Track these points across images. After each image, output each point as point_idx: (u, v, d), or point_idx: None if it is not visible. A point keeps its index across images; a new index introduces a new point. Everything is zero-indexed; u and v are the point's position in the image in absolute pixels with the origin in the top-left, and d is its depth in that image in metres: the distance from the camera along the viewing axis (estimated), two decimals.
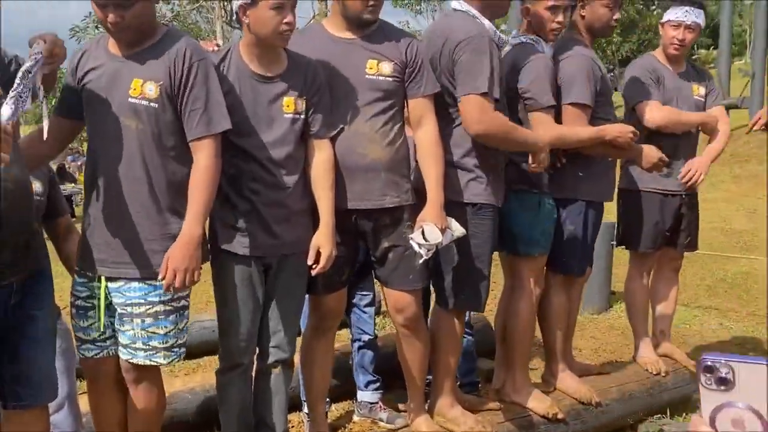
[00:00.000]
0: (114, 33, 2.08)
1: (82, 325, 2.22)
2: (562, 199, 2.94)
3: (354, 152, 2.41)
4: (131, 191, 2.11)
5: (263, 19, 2.16)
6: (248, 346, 2.38)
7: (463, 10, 2.62)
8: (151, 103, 2.06)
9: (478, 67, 2.47)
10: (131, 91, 2.07)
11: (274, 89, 2.29)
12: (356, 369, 3.34)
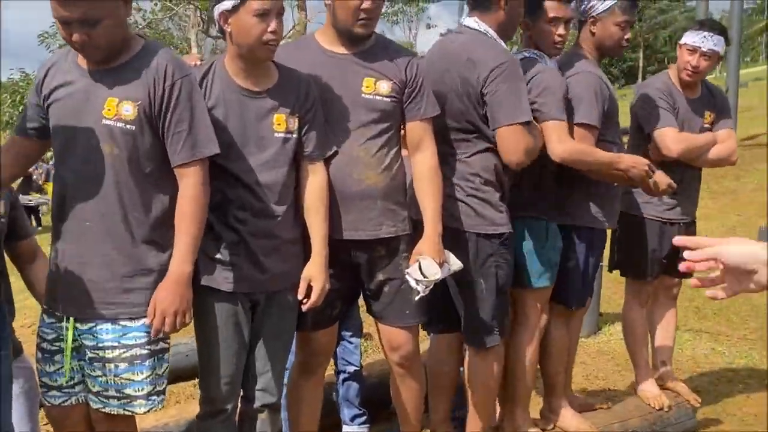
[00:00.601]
0: (81, 52, 1.94)
1: (47, 370, 2.08)
2: (565, 226, 2.88)
3: (349, 178, 2.30)
4: (104, 222, 1.98)
5: (246, 27, 2.04)
6: (232, 390, 2.24)
7: (481, 30, 2.55)
8: (127, 125, 1.92)
9: (519, 95, 2.44)
10: (105, 111, 1.92)
11: (264, 105, 2.17)
12: (341, 402, 3.29)
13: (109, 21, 1.85)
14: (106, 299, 1.96)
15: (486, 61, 2.43)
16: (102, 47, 1.89)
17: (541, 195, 2.80)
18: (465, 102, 2.48)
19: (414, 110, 2.36)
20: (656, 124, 3.20)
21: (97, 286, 1.97)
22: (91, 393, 2.03)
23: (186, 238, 1.94)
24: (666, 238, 3.34)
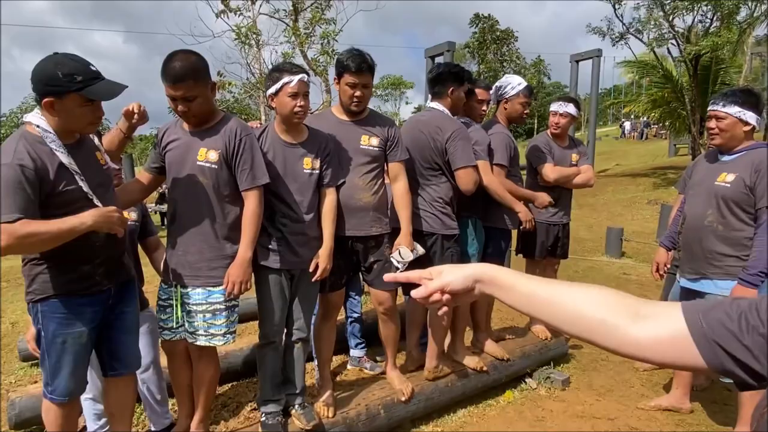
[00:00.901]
0: (183, 118, 2.22)
1: (162, 317, 2.33)
2: (487, 227, 3.27)
3: (352, 198, 2.59)
4: (198, 226, 2.23)
5: (283, 103, 2.33)
6: (279, 329, 2.47)
7: (439, 109, 2.92)
8: (213, 165, 2.19)
9: (465, 150, 2.77)
10: (199, 156, 2.20)
11: (297, 152, 2.42)
12: (349, 336, 3.57)
13: (201, 99, 2.15)
14: (199, 274, 2.23)
15: (447, 128, 2.80)
16: (196, 115, 2.19)
17: (475, 206, 3.11)
18: (434, 152, 2.81)
19: (393, 156, 2.67)
20: (540, 162, 3.63)
21: (194, 266, 2.23)
22: (188, 332, 2.27)
23: (249, 235, 2.18)
24: (550, 234, 3.76)
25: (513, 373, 3.40)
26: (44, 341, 1.89)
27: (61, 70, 1.74)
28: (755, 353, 0.60)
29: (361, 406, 2.67)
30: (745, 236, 2.57)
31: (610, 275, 6.54)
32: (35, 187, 1.73)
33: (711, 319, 0.65)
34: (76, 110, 1.81)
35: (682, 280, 2.84)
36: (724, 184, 2.60)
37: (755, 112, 2.55)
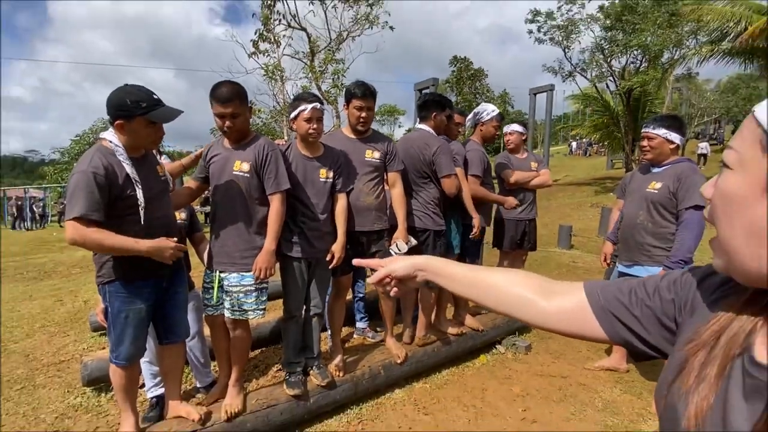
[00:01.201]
0: (226, 134, 2.21)
1: (206, 296, 2.30)
2: (465, 224, 3.21)
3: (358, 200, 2.58)
4: (234, 223, 2.21)
5: (300, 126, 2.33)
6: (299, 306, 2.45)
7: (426, 129, 2.92)
8: (245, 174, 2.18)
9: (447, 161, 2.78)
10: (235, 167, 2.18)
11: (315, 165, 2.41)
12: (355, 311, 3.53)
13: (242, 118, 2.15)
14: (235, 261, 2.20)
15: (433, 144, 2.80)
16: (238, 131, 2.17)
17: (457, 208, 3.09)
18: (424, 164, 2.81)
19: (391, 166, 2.67)
20: (502, 170, 3.60)
21: (230, 255, 2.20)
22: (225, 309, 2.24)
23: (273, 230, 2.16)
24: (518, 229, 3.65)
25: (486, 341, 3.40)
26: (110, 316, 1.88)
27: (130, 98, 1.75)
28: (643, 323, 0.58)
29: (365, 367, 2.67)
30: (669, 232, 2.58)
31: (562, 263, 6.53)
32: (104, 192, 1.72)
33: (607, 293, 0.62)
34: (142, 131, 1.81)
35: (620, 266, 2.84)
36: (654, 191, 2.61)
37: (679, 133, 2.55)
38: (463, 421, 2.50)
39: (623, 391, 2.85)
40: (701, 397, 0.43)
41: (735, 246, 0.41)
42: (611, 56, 14.52)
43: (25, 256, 8.89)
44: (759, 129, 0.38)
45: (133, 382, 1.98)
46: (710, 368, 0.44)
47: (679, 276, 0.58)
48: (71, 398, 2.65)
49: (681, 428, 0.45)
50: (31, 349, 3.40)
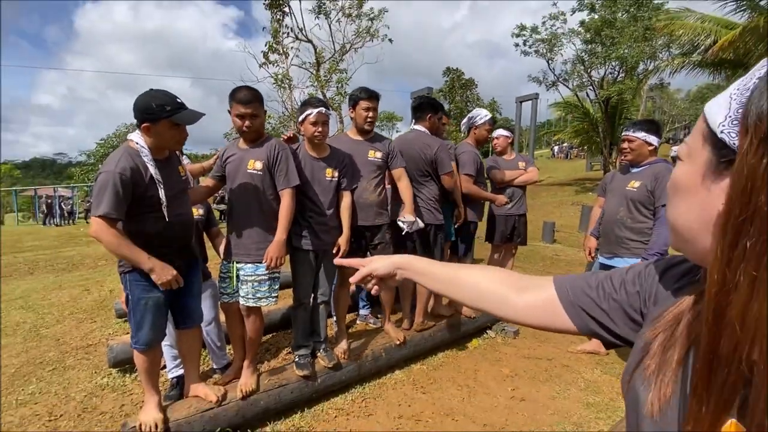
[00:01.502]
0: (243, 134, 2.17)
1: (222, 285, 2.28)
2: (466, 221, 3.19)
3: (362, 197, 2.56)
4: (249, 218, 2.18)
5: (306, 129, 2.30)
6: (307, 294, 2.42)
7: (422, 130, 2.90)
8: (259, 172, 2.15)
9: (447, 159, 2.77)
10: (249, 166, 2.15)
11: (321, 165, 2.38)
12: (358, 299, 3.49)
13: (260, 118, 2.14)
14: (249, 253, 2.17)
15: (433, 144, 2.78)
16: (255, 131, 2.15)
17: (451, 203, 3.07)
18: (425, 163, 2.79)
19: (394, 164, 2.65)
20: (491, 170, 3.57)
21: (246, 247, 2.17)
22: (240, 296, 2.20)
23: (283, 223, 2.13)
24: (508, 224, 3.60)
25: (477, 327, 3.39)
26: (131, 303, 1.86)
27: (155, 102, 1.73)
28: (611, 316, 0.56)
29: (368, 350, 2.65)
30: (647, 227, 2.57)
31: (546, 256, 6.53)
32: (128, 191, 1.69)
33: (576, 288, 0.60)
34: (167, 133, 1.78)
35: (601, 258, 2.83)
36: (633, 189, 2.59)
37: (657, 135, 2.54)
38: (457, 399, 2.49)
39: (603, 372, 2.84)
40: (664, 383, 0.42)
41: (682, 228, 0.41)
42: (591, 67, 14.49)
43: (55, 250, 8.84)
44: (704, 123, 0.38)
45: (155, 364, 1.96)
46: (671, 352, 0.43)
47: (644, 268, 0.56)
48: (98, 379, 2.63)
49: (643, 412, 0.43)
50: (62, 334, 3.38)
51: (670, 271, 0.53)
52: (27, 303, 4.27)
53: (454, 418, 2.30)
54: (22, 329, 3.51)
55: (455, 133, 29.73)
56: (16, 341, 3.26)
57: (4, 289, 5.01)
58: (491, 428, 2.21)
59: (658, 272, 0.54)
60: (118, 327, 3.50)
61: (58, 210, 18.20)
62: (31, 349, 3.10)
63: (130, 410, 2.30)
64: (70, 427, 2.16)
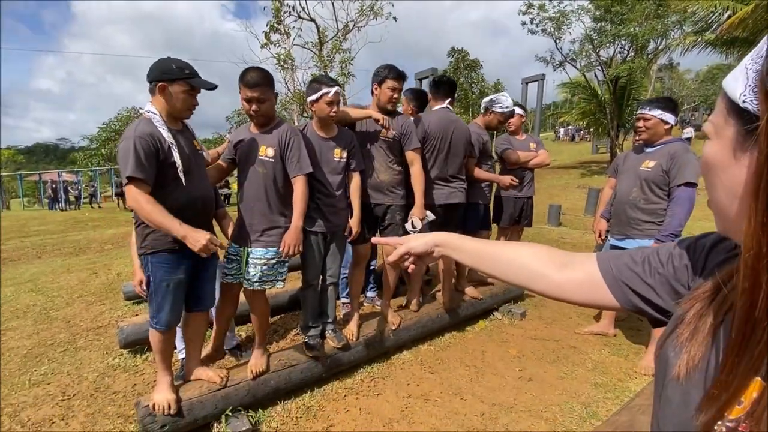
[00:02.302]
0: (252, 118, 2.13)
1: (227, 266, 2.21)
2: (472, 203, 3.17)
3: (374, 177, 2.53)
4: (258, 203, 2.14)
5: (321, 109, 2.23)
6: (316, 275, 2.40)
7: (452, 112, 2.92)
8: (270, 158, 2.10)
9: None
10: (260, 152, 2.10)
11: (330, 145, 2.33)
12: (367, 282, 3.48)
13: (268, 102, 2.06)
14: (260, 238, 2.12)
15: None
16: (263, 115, 2.08)
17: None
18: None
19: (407, 145, 2.57)
20: (503, 150, 3.50)
21: (255, 232, 2.13)
22: (246, 279, 2.15)
23: (298, 210, 2.08)
24: (516, 207, 3.56)
25: (484, 308, 3.38)
26: (152, 285, 1.85)
27: (175, 64, 1.78)
28: (657, 290, 0.55)
29: (376, 331, 2.65)
30: (660, 207, 2.52)
31: (551, 239, 6.49)
32: (150, 154, 1.70)
33: (620, 263, 0.59)
34: (179, 95, 1.79)
35: (612, 240, 2.79)
36: (647, 169, 2.53)
37: (673, 114, 2.46)
38: (465, 378, 2.50)
39: (611, 353, 2.85)
40: (695, 347, 0.43)
41: (721, 207, 0.41)
42: (600, 46, 14.12)
43: (62, 234, 8.90)
44: (724, 98, 0.38)
45: (171, 344, 1.97)
46: (705, 319, 0.43)
47: (694, 242, 0.55)
48: (110, 359, 2.66)
49: (670, 377, 0.44)
50: (72, 316, 3.42)
51: (720, 245, 0.52)
52: (36, 286, 4.31)
53: (462, 397, 2.31)
54: (33, 311, 3.55)
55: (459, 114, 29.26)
56: (26, 323, 3.30)
57: (13, 272, 5.06)
58: (499, 407, 2.22)
59: (708, 246, 0.53)
60: (126, 309, 3.53)
61: (63, 195, 18.27)
62: (42, 331, 3.13)
63: (143, 389, 2.33)
64: (83, 407, 2.19)
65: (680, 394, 0.43)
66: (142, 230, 1.83)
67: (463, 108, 28.53)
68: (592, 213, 7.82)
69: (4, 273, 5.02)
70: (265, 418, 2.08)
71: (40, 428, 2.02)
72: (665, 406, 0.45)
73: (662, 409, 0.46)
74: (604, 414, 2.16)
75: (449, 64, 29.43)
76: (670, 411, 0.44)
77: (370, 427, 2.04)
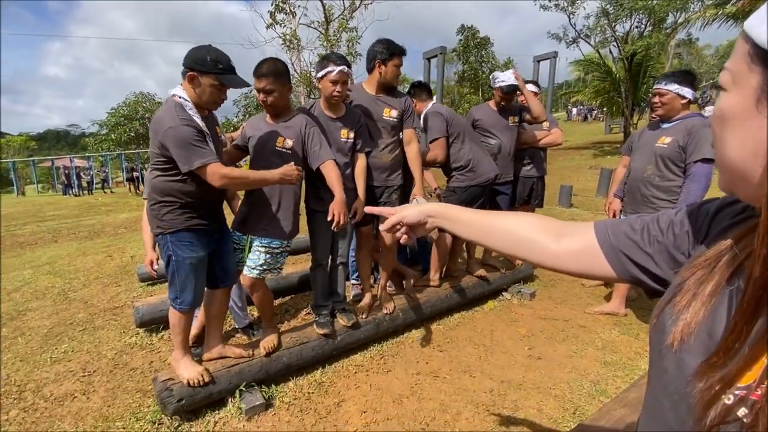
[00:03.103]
0: (266, 108, 2.13)
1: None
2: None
3: (374, 157, 2.47)
4: (271, 193, 2.12)
5: (325, 87, 2.22)
6: (325, 254, 2.41)
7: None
8: (288, 150, 2.11)
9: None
10: (278, 143, 2.10)
11: (337, 125, 2.31)
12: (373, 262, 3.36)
13: (277, 93, 2.05)
14: (266, 227, 2.12)
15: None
16: (272, 106, 2.09)
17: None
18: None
19: (408, 123, 2.50)
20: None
21: (263, 221, 2.12)
22: (247, 267, 2.15)
23: (338, 187, 2.03)
24: (526, 186, 3.47)
25: (492, 289, 3.38)
26: (174, 264, 1.84)
27: (210, 56, 1.73)
28: (656, 259, 0.53)
29: (385, 311, 2.67)
30: (675, 185, 2.46)
31: (563, 219, 6.44)
32: (202, 136, 1.74)
33: (617, 231, 0.57)
34: (208, 88, 1.77)
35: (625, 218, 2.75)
36: (663, 145, 2.47)
37: (691, 87, 2.37)
38: (474, 357, 2.53)
39: (621, 332, 2.84)
40: (692, 314, 0.41)
41: (731, 164, 0.38)
42: (616, 21, 13.61)
43: (76, 219, 9.08)
44: (747, 44, 0.34)
45: (190, 323, 2.00)
46: (705, 286, 0.41)
47: (696, 208, 0.52)
48: (127, 338, 2.74)
49: (665, 345, 0.42)
50: (89, 297, 3.51)
51: (725, 210, 0.49)
52: (54, 269, 4.43)
53: (471, 374, 2.34)
54: (52, 293, 3.66)
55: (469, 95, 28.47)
56: (46, 304, 3.40)
57: (31, 256, 5.19)
58: (508, 384, 2.25)
59: (712, 211, 0.50)
60: (141, 290, 3.62)
61: (76, 180, 18.55)
62: (61, 311, 3.23)
63: (159, 366, 2.40)
64: (103, 382, 2.27)
65: (675, 362, 0.41)
66: (158, 209, 1.82)
67: (473, 88, 27.95)
68: (604, 194, 7.67)
69: (23, 256, 5.16)
70: (278, 393, 2.14)
71: (62, 402, 2.11)
72: (662, 376, 0.43)
73: (658, 380, 0.44)
74: (613, 391, 2.17)
75: (458, 42, 28.69)
76: (667, 379, 0.42)
77: (381, 403, 2.08)
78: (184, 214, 1.81)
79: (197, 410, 1.96)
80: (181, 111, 1.72)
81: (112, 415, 2.00)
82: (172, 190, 1.79)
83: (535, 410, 2.04)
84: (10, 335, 2.84)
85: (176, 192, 1.79)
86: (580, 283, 3.70)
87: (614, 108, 16.52)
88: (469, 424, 1.94)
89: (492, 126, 3.15)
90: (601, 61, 15.51)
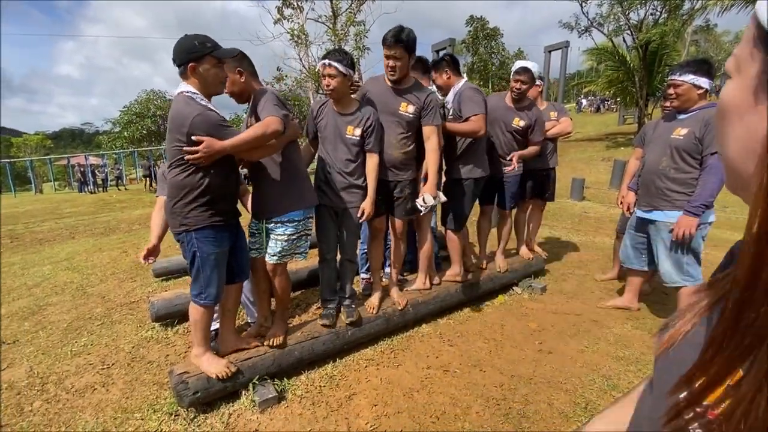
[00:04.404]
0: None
1: (251, 240, 2.24)
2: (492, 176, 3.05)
3: (386, 152, 2.44)
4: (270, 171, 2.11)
5: (322, 80, 2.26)
6: (332, 249, 2.43)
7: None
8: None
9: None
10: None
11: (345, 121, 2.30)
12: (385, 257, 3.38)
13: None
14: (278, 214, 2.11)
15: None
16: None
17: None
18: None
19: (427, 120, 2.43)
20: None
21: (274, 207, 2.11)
22: (267, 253, 2.17)
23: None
24: (536, 179, 3.43)
25: (503, 283, 3.37)
26: (199, 260, 1.88)
27: (196, 40, 1.77)
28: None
29: (394, 305, 2.68)
30: (691, 177, 2.41)
31: (574, 213, 6.35)
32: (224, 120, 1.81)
33: None
34: (211, 71, 1.81)
35: (639, 212, 2.71)
36: (679, 137, 2.41)
37: (708, 77, 2.31)
38: (484, 351, 2.53)
39: (634, 327, 2.81)
40: (680, 324, 0.38)
41: (731, 163, 0.34)
42: (630, 8, 13.26)
43: (92, 216, 9.28)
44: (754, 27, 0.30)
45: (211, 318, 2.04)
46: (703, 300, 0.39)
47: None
48: (143, 332, 2.81)
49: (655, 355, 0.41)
50: (106, 292, 3.60)
51: None
52: (72, 264, 4.55)
53: (481, 369, 2.34)
54: (70, 288, 3.76)
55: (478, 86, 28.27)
56: (65, 299, 3.50)
57: (50, 252, 5.34)
58: (519, 379, 2.25)
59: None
60: (156, 286, 3.70)
61: (91, 177, 18.92)
62: (79, 306, 3.32)
63: (175, 359, 2.46)
64: (121, 374, 2.34)
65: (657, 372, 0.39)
66: (182, 208, 1.83)
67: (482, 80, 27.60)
68: (617, 187, 7.55)
69: (42, 253, 5.30)
70: (290, 386, 2.17)
71: (83, 394, 2.18)
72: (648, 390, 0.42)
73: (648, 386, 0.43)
74: (625, 386, 2.16)
75: (467, 34, 28.30)
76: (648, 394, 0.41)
77: (391, 396, 2.10)
78: (207, 210, 1.85)
79: (212, 402, 2.01)
80: (192, 102, 1.77)
81: (130, 406, 2.06)
82: (193, 184, 1.80)
83: (546, 404, 2.04)
84: (32, 329, 2.93)
85: (197, 185, 1.80)
86: (592, 278, 3.66)
87: (628, 98, 16.16)
88: (479, 418, 1.95)
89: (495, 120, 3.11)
90: (614, 50, 15.15)
